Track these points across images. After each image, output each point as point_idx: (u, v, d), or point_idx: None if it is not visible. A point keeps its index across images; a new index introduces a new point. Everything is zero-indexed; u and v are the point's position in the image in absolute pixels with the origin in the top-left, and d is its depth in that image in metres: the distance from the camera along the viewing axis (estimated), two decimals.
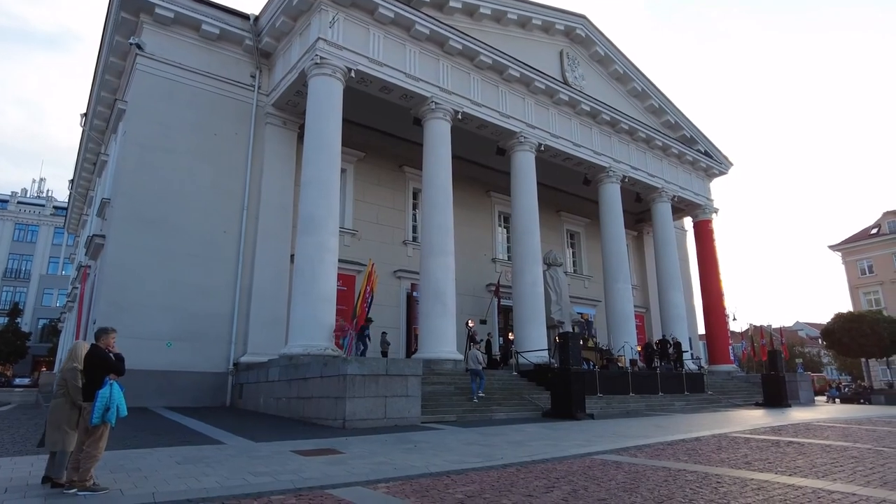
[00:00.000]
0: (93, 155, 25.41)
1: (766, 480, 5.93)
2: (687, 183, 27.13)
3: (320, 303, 14.03)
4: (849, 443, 9.37)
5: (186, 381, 15.40)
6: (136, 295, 15.02)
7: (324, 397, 11.10)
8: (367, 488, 5.50)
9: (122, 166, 16.14)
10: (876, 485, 5.76)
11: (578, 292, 26.38)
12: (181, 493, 5.03)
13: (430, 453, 7.59)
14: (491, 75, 19.56)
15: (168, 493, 5.00)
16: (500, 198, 23.74)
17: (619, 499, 5.04)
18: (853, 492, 5.33)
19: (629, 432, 10.54)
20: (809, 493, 5.30)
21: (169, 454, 7.10)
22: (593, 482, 5.85)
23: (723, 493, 5.26)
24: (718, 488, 5.51)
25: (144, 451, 7.29)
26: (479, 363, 14.62)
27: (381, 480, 5.81)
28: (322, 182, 14.88)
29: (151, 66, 16.69)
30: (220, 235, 16.72)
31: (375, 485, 5.64)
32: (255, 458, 6.93)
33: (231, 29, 17.65)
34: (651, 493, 5.23)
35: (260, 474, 5.91)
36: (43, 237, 57.41)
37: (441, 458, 7.12)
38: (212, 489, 5.18)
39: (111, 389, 5.09)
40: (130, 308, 14.86)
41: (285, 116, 18.17)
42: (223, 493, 5.06)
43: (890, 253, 47.68)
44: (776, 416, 15.38)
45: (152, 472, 5.93)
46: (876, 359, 36.07)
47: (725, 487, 5.56)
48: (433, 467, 6.51)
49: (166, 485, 5.31)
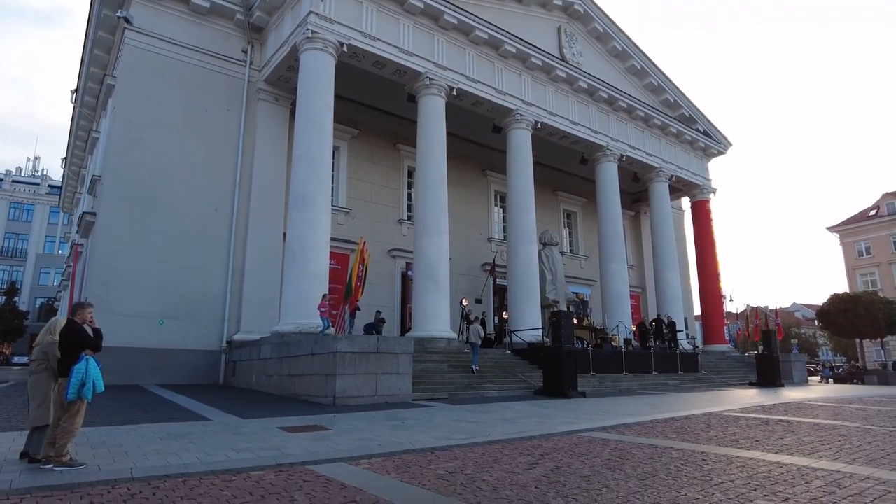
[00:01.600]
0: (84, 132, 25.09)
1: (751, 458, 5.89)
2: (685, 162, 26.90)
3: (312, 281, 13.94)
4: (837, 421, 9.36)
5: (179, 359, 15.39)
6: (126, 273, 14.92)
7: (314, 374, 11.07)
8: (350, 464, 5.45)
9: (112, 143, 15.92)
10: (861, 462, 5.73)
11: (574, 272, 26.32)
12: (160, 468, 4.97)
13: (417, 430, 7.56)
14: (487, 51, 19.22)
15: (146, 468, 4.95)
16: (497, 177, 23.54)
17: (602, 476, 5.00)
18: (837, 469, 5.30)
19: (619, 410, 10.53)
20: (794, 470, 5.26)
21: (153, 430, 7.06)
22: (578, 459, 5.82)
23: (707, 471, 5.22)
24: (703, 466, 5.47)
25: (129, 427, 7.25)
26: (480, 337, 15.07)
27: (364, 457, 5.77)
28: (313, 158, 14.69)
29: (140, 41, 16.37)
30: (212, 213, 16.57)
31: (358, 461, 5.60)
32: (240, 435, 6.89)
33: (221, 2, 17.28)
34: (634, 471, 5.19)
35: (242, 450, 5.86)
36: (38, 216, 57.12)
37: (427, 435, 7.09)
38: (191, 465, 5.13)
39: (87, 365, 5.00)
40: (121, 286, 14.78)
41: (277, 92, 17.89)
42: (203, 469, 5.01)
43: (888, 234, 47.61)
44: (768, 395, 15.42)
45: (133, 447, 5.89)
46: (870, 339, 36.20)
47: (710, 465, 5.53)
48: (418, 444, 6.47)
49: (146, 460, 5.25)
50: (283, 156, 17.56)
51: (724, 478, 4.92)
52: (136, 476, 4.71)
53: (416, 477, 4.90)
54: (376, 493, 4.30)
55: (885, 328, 30.49)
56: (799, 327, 68.75)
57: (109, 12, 17.05)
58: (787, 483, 4.73)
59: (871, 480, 4.84)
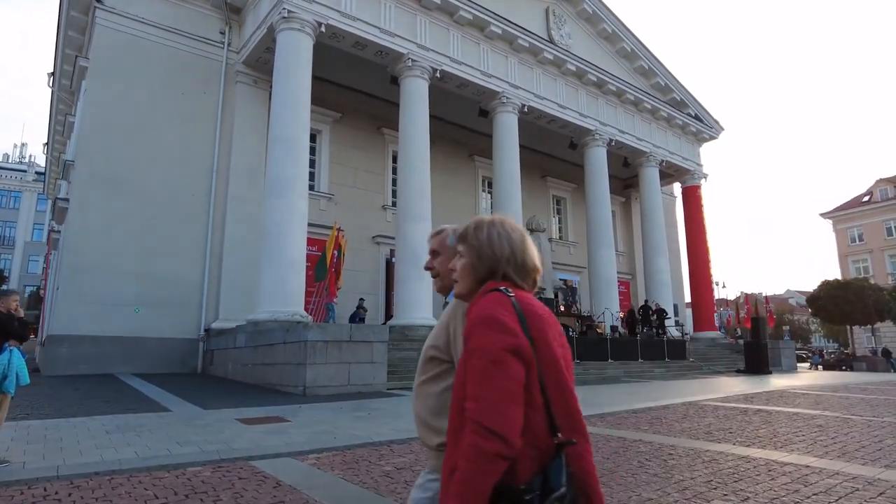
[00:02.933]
0: (63, 116, 24.55)
1: (720, 452, 5.65)
2: (676, 147, 26.54)
3: (288, 268, 13.62)
4: (818, 411, 9.15)
5: (156, 347, 15.09)
6: (99, 259, 14.55)
7: (286, 364, 10.80)
8: (296, 459, 5.19)
9: (84, 126, 15.49)
10: (833, 455, 5.49)
11: (563, 259, 26.07)
12: (91, 465, 4.70)
13: (381, 422, 7.31)
14: (472, 32, 18.75)
15: (76, 465, 4.67)
16: (484, 162, 23.13)
17: None
18: (807, 464, 5.05)
19: (598, 400, 10.30)
20: (761, 465, 5.02)
21: (103, 422, 6.78)
22: None
23: (670, 467, 4.97)
24: (668, 461, 5.22)
25: (79, 420, 6.96)
26: None
27: (314, 451, 5.50)
28: (290, 141, 14.29)
29: (113, 21, 15.87)
30: (189, 198, 16.18)
31: (307, 456, 5.33)
32: (193, 427, 6.62)
33: None
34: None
35: (188, 444, 5.59)
36: (26, 203, 56.38)
37: (389, 427, 6.83)
38: (126, 461, 4.85)
39: (10, 356, 4.70)
40: (93, 272, 14.42)
41: (256, 75, 17.42)
42: (137, 465, 4.74)
43: (880, 221, 47.47)
44: (754, 383, 15.25)
45: (73, 442, 5.60)
46: (860, 326, 36.17)
47: (675, 460, 5.27)
48: (377, 437, 6.21)
49: (79, 457, 4.97)
50: (262, 140, 17.09)
51: (685, 475, 4.67)
52: (61, 474, 4.43)
53: (360, 474, 4.63)
54: (309, 492, 4.03)
55: (874, 315, 30.43)
56: (792, 314, 68.89)
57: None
58: (751, 480, 4.48)
59: (840, 476, 4.59)
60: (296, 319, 12.89)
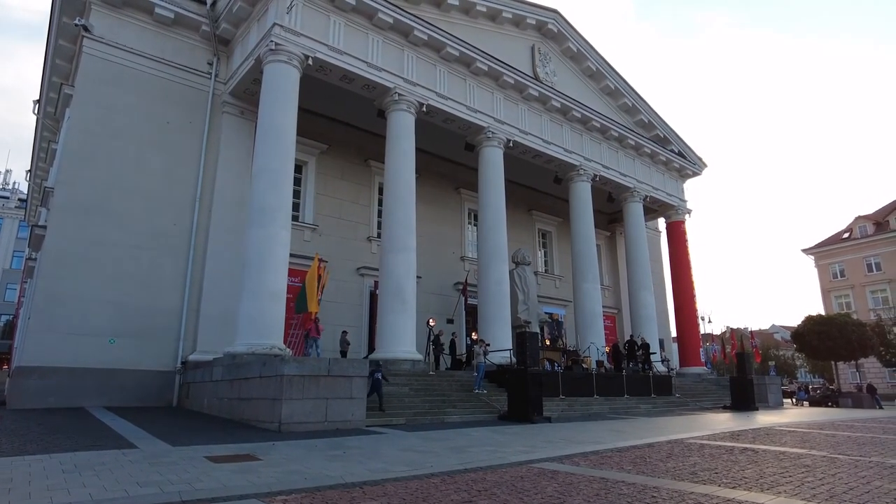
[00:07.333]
0: (47, 143, 24.37)
1: (705, 494, 5.45)
2: (660, 183, 26.89)
3: (268, 299, 13.38)
4: (804, 450, 8.99)
5: (130, 379, 14.65)
6: (75, 288, 14.22)
7: (262, 398, 10.47)
8: (262, 501, 4.91)
9: (66, 153, 15.32)
10: (822, 498, 5.32)
11: (549, 292, 26.00)
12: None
13: (356, 461, 7.02)
14: (458, 68, 19.04)
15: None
16: (470, 195, 23.23)
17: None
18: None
19: (581, 437, 10.07)
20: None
21: (62, 460, 6.43)
22: (517, 496, 5.33)
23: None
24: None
25: (37, 458, 6.60)
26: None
27: (282, 492, 5.22)
28: (274, 172, 14.23)
29: (100, 50, 15.91)
30: (171, 227, 15.98)
31: (273, 498, 5.05)
32: (158, 465, 6.30)
33: (187, 13, 16.90)
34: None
35: (148, 484, 5.29)
36: (7, 230, 55.55)
37: (364, 467, 6.56)
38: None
39: None
40: (68, 301, 14.07)
41: (243, 105, 17.46)
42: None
43: (861, 257, 48.18)
44: (740, 419, 15.07)
45: (24, 483, 5.28)
46: (844, 361, 36.26)
47: (658, 503, 5.07)
48: (350, 477, 5.94)
49: (26, 500, 4.66)
50: (247, 170, 16.97)
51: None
52: None
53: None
54: None
55: (858, 350, 30.53)
56: (778, 349, 69.07)
57: (69, 20, 16.55)
58: None
59: None
60: (273, 353, 12.59)
